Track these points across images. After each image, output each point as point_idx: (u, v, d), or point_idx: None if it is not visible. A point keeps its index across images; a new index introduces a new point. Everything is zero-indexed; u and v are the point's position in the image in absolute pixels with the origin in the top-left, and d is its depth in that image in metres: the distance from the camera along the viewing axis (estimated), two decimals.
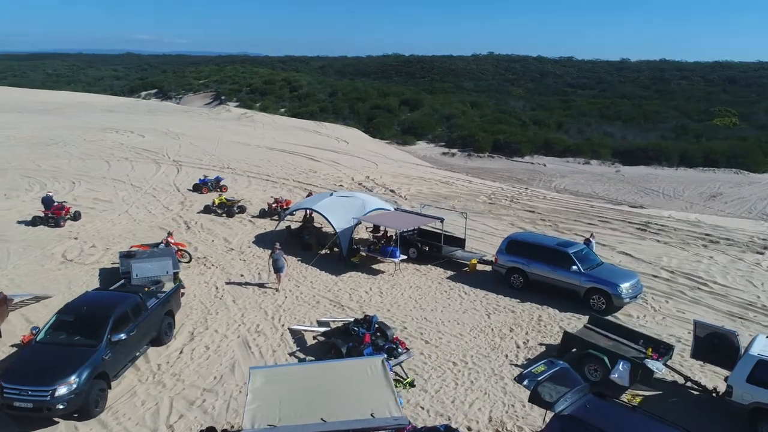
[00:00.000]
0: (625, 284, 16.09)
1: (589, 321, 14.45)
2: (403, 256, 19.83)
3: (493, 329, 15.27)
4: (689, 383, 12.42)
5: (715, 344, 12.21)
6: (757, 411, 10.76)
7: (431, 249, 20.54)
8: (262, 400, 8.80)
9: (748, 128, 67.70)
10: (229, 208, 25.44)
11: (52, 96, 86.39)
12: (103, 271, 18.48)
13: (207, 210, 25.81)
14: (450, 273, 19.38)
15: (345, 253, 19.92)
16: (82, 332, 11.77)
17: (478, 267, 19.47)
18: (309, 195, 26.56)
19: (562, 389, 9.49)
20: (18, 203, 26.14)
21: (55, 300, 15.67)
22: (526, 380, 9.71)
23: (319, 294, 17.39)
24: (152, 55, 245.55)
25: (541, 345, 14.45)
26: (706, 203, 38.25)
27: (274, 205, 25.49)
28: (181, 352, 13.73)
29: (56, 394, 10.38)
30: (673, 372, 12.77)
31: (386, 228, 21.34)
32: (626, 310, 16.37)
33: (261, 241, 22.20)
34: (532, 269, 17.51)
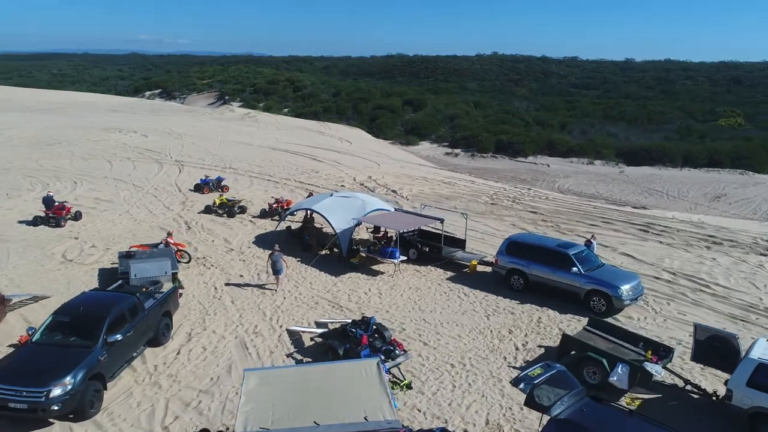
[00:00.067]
0: (625, 286, 15.96)
1: (588, 323, 14.33)
2: (403, 257, 19.75)
3: (492, 331, 15.18)
4: (689, 386, 12.31)
5: (715, 347, 12.09)
6: (757, 415, 10.63)
7: (431, 250, 20.46)
8: (256, 403, 8.77)
9: (753, 129, 67.46)
10: (229, 209, 25.43)
11: (56, 96, 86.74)
12: (103, 272, 18.48)
13: (208, 210, 25.80)
14: (450, 274, 19.29)
15: (345, 254, 19.87)
16: (77, 333, 11.76)
17: (479, 268, 19.37)
18: (310, 195, 26.55)
19: (559, 393, 9.41)
20: (20, 203, 26.19)
21: (54, 300, 15.63)
22: (522, 383, 9.60)
23: (318, 295, 17.34)
24: (157, 56, 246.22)
25: (540, 347, 14.35)
26: (710, 204, 38.02)
27: (275, 206, 25.47)
28: (178, 353, 13.70)
29: (51, 395, 10.34)
30: (673, 375, 12.66)
31: (386, 228, 21.28)
32: (627, 312, 16.25)
33: (261, 241, 22.17)
34: (532, 270, 17.40)
